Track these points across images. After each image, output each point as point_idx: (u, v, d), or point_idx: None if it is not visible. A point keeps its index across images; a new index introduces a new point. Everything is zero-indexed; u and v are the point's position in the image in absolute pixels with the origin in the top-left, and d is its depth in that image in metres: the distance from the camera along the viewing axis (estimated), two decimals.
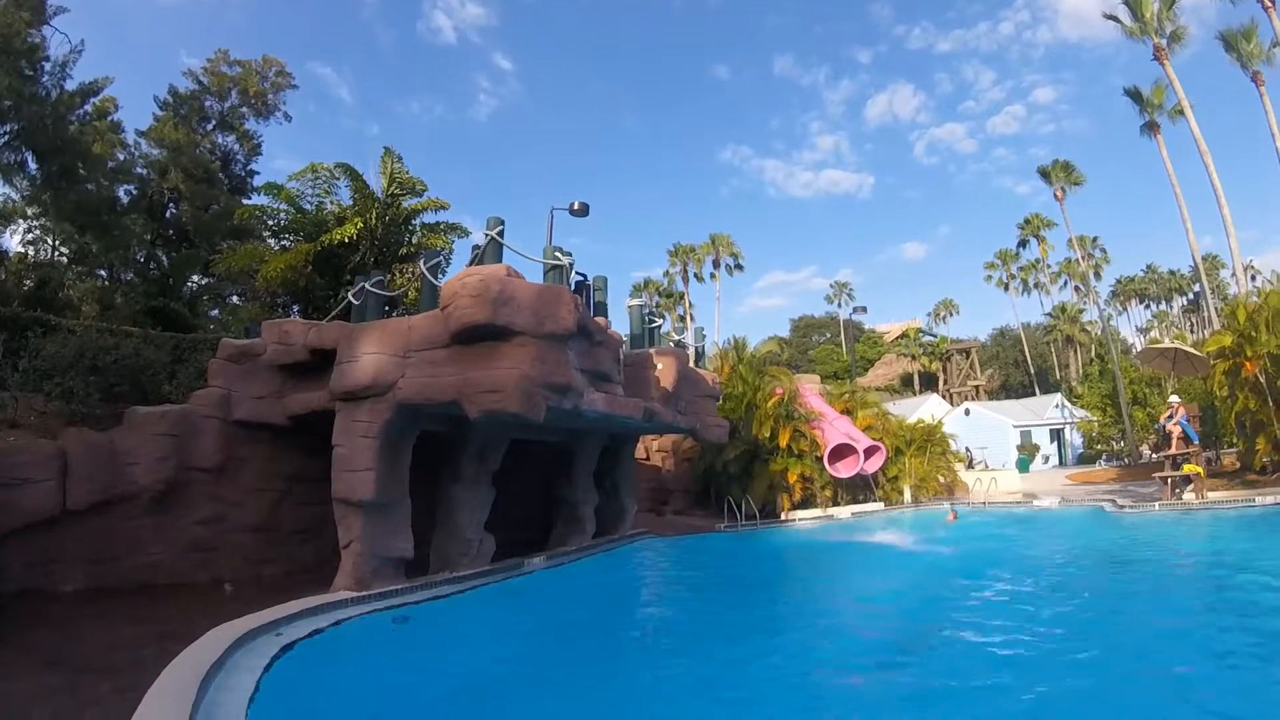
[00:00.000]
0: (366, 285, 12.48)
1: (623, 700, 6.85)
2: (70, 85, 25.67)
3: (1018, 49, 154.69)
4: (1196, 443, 19.63)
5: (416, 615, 9.25)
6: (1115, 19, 35.60)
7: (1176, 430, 19.39)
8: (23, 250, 31.59)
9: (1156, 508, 17.85)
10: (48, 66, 24.53)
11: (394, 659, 8.02)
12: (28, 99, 22.66)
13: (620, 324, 15.90)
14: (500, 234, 11.23)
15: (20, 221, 31.29)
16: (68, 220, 27.31)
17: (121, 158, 31.06)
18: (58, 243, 31.97)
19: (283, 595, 8.86)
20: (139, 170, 31.55)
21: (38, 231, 31.99)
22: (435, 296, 10.53)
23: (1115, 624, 8.79)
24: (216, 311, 32.93)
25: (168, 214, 32.31)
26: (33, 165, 24.71)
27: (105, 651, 7.68)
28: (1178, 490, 18.78)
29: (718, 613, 10.80)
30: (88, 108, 28.00)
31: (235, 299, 31.10)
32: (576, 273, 13.60)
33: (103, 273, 31.49)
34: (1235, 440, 23.55)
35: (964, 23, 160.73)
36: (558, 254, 11.66)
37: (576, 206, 16.18)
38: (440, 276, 11.48)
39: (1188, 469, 18.71)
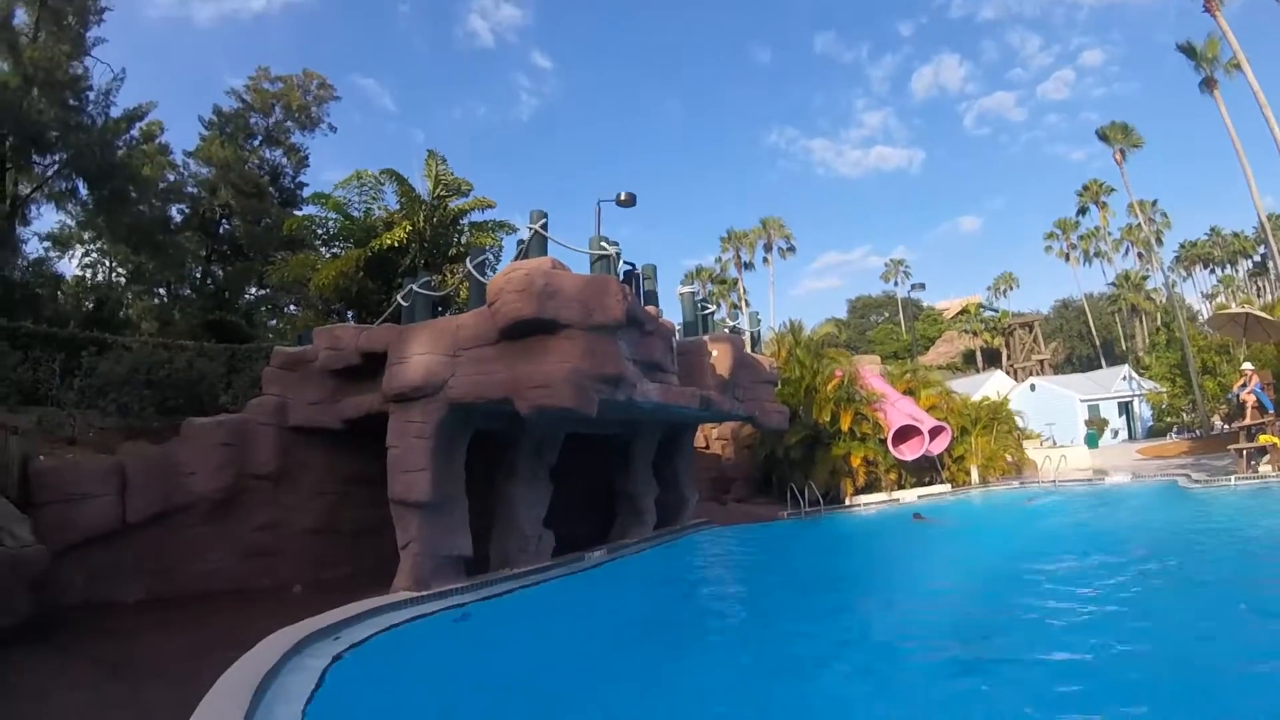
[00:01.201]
0: (414, 286, 12.43)
1: (693, 694, 6.58)
2: (115, 112, 26.46)
3: (1062, 11, 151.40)
4: (1272, 412, 18.49)
5: (477, 614, 9.10)
6: None
7: (1251, 399, 18.28)
8: (81, 273, 32.53)
9: (1233, 482, 17.02)
10: (91, 95, 25.29)
11: (454, 659, 7.86)
12: (73, 128, 23.24)
13: (673, 313, 15.66)
14: (544, 227, 11.06)
15: (78, 246, 32.19)
16: (123, 242, 28.04)
17: (172, 178, 31.88)
18: (114, 264, 32.79)
19: (344, 597, 8.75)
20: (190, 189, 32.34)
21: (95, 255, 32.90)
22: (483, 294, 10.33)
23: (1193, 605, 8.36)
24: (275, 321, 33.52)
25: (220, 230, 33.05)
26: (84, 190, 25.38)
27: (167, 660, 7.63)
28: (1254, 463, 17.81)
29: (784, 603, 10.44)
30: (134, 132, 28.72)
31: (291, 308, 31.58)
32: (624, 262, 13.36)
33: (161, 290, 32.26)
34: None
35: None
36: (604, 244, 11.43)
37: (623, 198, 16.01)
38: (488, 274, 11.30)
39: (1264, 440, 17.70)
